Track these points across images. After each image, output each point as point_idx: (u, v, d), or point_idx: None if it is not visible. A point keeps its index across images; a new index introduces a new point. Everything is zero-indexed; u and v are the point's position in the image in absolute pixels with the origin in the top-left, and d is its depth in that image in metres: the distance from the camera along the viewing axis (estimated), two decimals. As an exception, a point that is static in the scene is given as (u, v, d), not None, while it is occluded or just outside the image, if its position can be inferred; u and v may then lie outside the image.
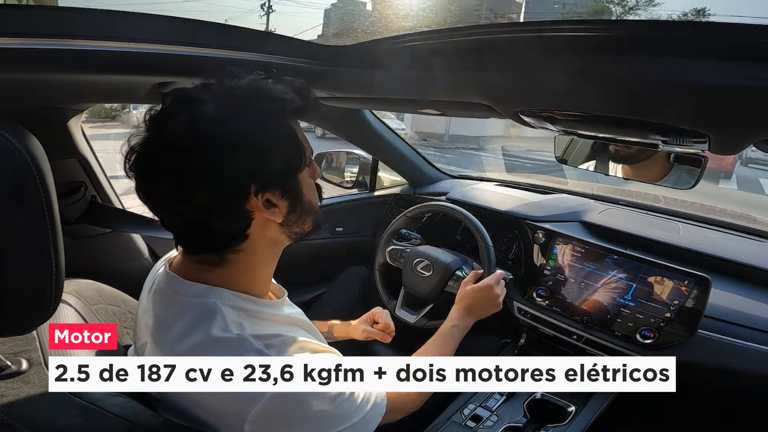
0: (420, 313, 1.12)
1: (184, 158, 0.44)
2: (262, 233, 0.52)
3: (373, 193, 1.62)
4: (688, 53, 0.44)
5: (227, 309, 0.49)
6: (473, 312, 0.89)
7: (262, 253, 0.54)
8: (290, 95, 0.50)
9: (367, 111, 1.36)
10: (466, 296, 0.90)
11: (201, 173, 0.45)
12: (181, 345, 0.48)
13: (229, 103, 0.46)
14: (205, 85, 0.48)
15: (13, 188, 0.40)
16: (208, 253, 0.51)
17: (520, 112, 0.72)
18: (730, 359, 0.88)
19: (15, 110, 0.77)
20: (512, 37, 0.56)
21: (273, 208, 0.50)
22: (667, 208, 1.32)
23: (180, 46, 0.59)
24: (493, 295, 0.91)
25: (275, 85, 0.50)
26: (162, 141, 0.46)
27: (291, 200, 0.52)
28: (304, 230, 0.57)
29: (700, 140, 0.59)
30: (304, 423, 0.47)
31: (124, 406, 0.47)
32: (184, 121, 0.45)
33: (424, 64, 0.67)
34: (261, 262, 0.55)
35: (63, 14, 0.52)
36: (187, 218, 0.48)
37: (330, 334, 0.94)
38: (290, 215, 0.53)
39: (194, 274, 0.51)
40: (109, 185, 1.03)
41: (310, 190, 0.56)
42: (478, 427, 0.89)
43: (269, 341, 0.48)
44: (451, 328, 0.84)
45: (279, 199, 0.51)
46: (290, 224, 0.54)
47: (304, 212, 0.55)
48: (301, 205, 0.54)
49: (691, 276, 0.92)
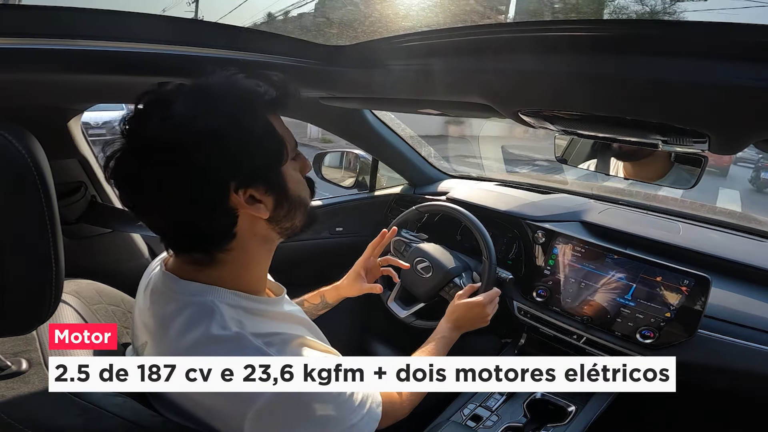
0: (410, 310, 1.12)
1: (159, 158, 0.44)
2: (251, 230, 0.51)
3: (373, 193, 1.62)
4: (688, 53, 0.44)
5: (225, 307, 0.49)
6: (459, 327, 0.90)
7: (254, 251, 0.54)
8: (263, 88, 0.49)
9: (367, 111, 1.36)
10: (457, 310, 0.91)
11: (178, 172, 0.45)
12: (181, 343, 0.48)
13: (200, 100, 0.46)
14: (177, 84, 0.48)
15: (13, 188, 0.40)
16: (197, 253, 0.51)
17: (520, 112, 0.72)
18: (730, 359, 0.88)
19: (15, 110, 0.77)
20: (512, 37, 0.56)
21: (257, 204, 0.50)
22: (667, 208, 1.32)
23: (180, 46, 0.59)
24: (484, 313, 0.92)
25: (248, 80, 0.49)
26: (136, 143, 0.46)
27: (276, 195, 0.51)
28: (296, 225, 0.56)
29: (700, 140, 0.59)
30: (303, 423, 0.47)
31: (123, 405, 0.47)
32: (156, 121, 0.45)
33: (424, 64, 0.67)
34: (253, 259, 0.54)
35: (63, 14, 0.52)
36: (172, 219, 0.48)
37: (325, 303, 0.94)
38: (277, 210, 0.52)
39: (189, 273, 0.52)
40: (109, 185, 1.03)
41: (298, 184, 0.55)
42: (478, 426, 0.89)
43: (269, 339, 0.48)
44: (439, 338, 0.85)
45: (263, 194, 0.50)
46: (279, 220, 0.53)
47: (292, 207, 0.54)
48: (287, 200, 0.53)
49: (691, 276, 0.92)
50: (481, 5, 1.88)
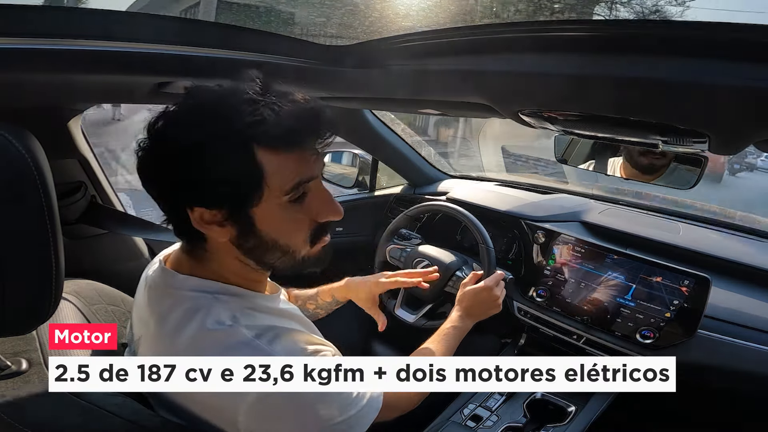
0: (419, 313, 1.12)
1: (145, 156, 0.48)
2: (221, 245, 0.51)
3: (373, 193, 1.62)
4: (689, 53, 0.44)
5: (221, 301, 0.50)
6: (473, 314, 0.88)
7: (233, 258, 0.52)
8: (267, 123, 0.44)
9: (367, 111, 1.36)
10: (465, 298, 0.90)
11: (151, 173, 0.48)
12: (176, 338, 0.48)
13: (189, 112, 0.47)
14: (192, 88, 0.50)
15: (13, 188, 0.40)
16: (187, 244, 0.53)
17: (520, 112, 0.72)
18: (730, 359, 0.88)
19: (15, 110, 0.77)
20: (512, 37, 0.56)
21: (215, 226, 0.48)
22: (667, 208, 1.32)
23: (180, 46, 0.59)
24: (493, 296, 0.90)
25: (249, 106, 0.45)
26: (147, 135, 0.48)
27: (238, 229, 0.49)
28: (270, 262, 0.52)
29: (700, 140, 0.59)
30: (297, 415, 0.47)
31: (123, 405, 0.47)
32: (156, 121, 0.47)
33: (424, 64, 0.67)
34: (237, 264, 0.53)
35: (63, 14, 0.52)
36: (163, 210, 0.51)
37: (336, 301, 0.91)
38: (242, 240, 0.50)
39: (188, 268, 0.52)
40: (108, 185, 1.03)
41: (284, 226, 0.50)
42: (478, 427, 0.89)
43: (262, 332, 0.49)
44: (451, 329, 0.84)
45: (222, 221, 0.48)
46: (246, 250, 0.51)
47: (262, 245, 0.50)
48: (254, 238, 0.49)
49: (691, 276, 0.92)
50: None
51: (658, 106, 0.53)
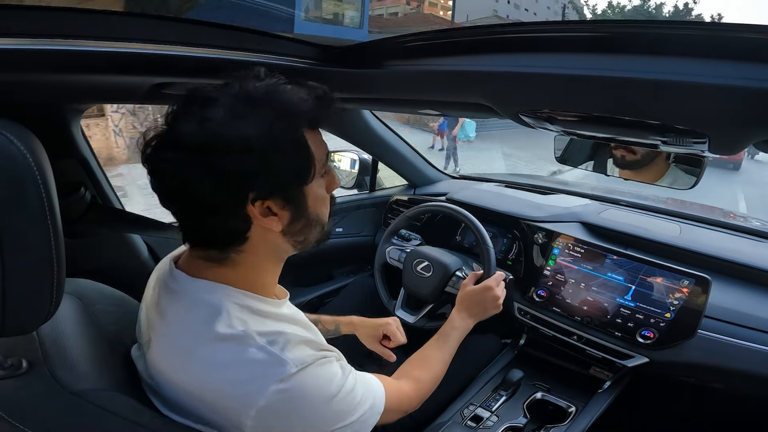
0: (420, 314, 1.12)
1: (189, 156, 0.45)
2: (263, 238, 0.52)
3: (373, 193, 1.62)
4: (688, 53, 0.44)
5: (232, 306, 0.50)
6: (474, 314, 0.88)
7: (264, 257, 0.54)
8: (307, 104, 0.48)
9: (367, 111, 1.36)
10: (466, 298, 0.90)
11: (201, 172, 0.45)
12: (187, 341, 0.48)
13: (239, 106, 0.46)
14: (224, 84, 0.48)
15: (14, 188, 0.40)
16: (212, 249, 0.51)
17: (520, 112, 0.72)
18: (730, 359, 0.88)
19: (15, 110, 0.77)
20: (512, 37, 0.56)
21: (272, 216, 0.50)
22: (667, 208, 1.32)
23: (180, 46, 0.59)
24: (494, 296, 0.90)
25: (294, 92, 0.48)
26: (172, 136, 0.46)
27: (293, 211, 0.51)
28: (309, 241, 0.56)
29: (700, 141, 0.59)
30: (303, 420, 0.48)
31: (124, 405, 0.47)
32: (195, 119, 0.45)
33: (424, 65, 0.67)
34: (263, 264, 0.55)
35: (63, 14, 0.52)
36: (191, 213, 0.49)
37: (338, 331, 0.93)
38: (292, 225, 0.52)
39: (200, 271, 0.52)
40: (108, 185, 1.03)
41: (319, 202, 0.54)
42: (478, 427, 0.89)
43: (273, 338, 0.49)
44: (451, 330, 0.84)
45: (280, 208, 0.50)
46: (293, 234, 0.53)
47: (308, 224, 0.54)
48: (305, 217, 0.53)
49: (691, 276, 0.92)
50: None
51: (657, 106, 0.53)
